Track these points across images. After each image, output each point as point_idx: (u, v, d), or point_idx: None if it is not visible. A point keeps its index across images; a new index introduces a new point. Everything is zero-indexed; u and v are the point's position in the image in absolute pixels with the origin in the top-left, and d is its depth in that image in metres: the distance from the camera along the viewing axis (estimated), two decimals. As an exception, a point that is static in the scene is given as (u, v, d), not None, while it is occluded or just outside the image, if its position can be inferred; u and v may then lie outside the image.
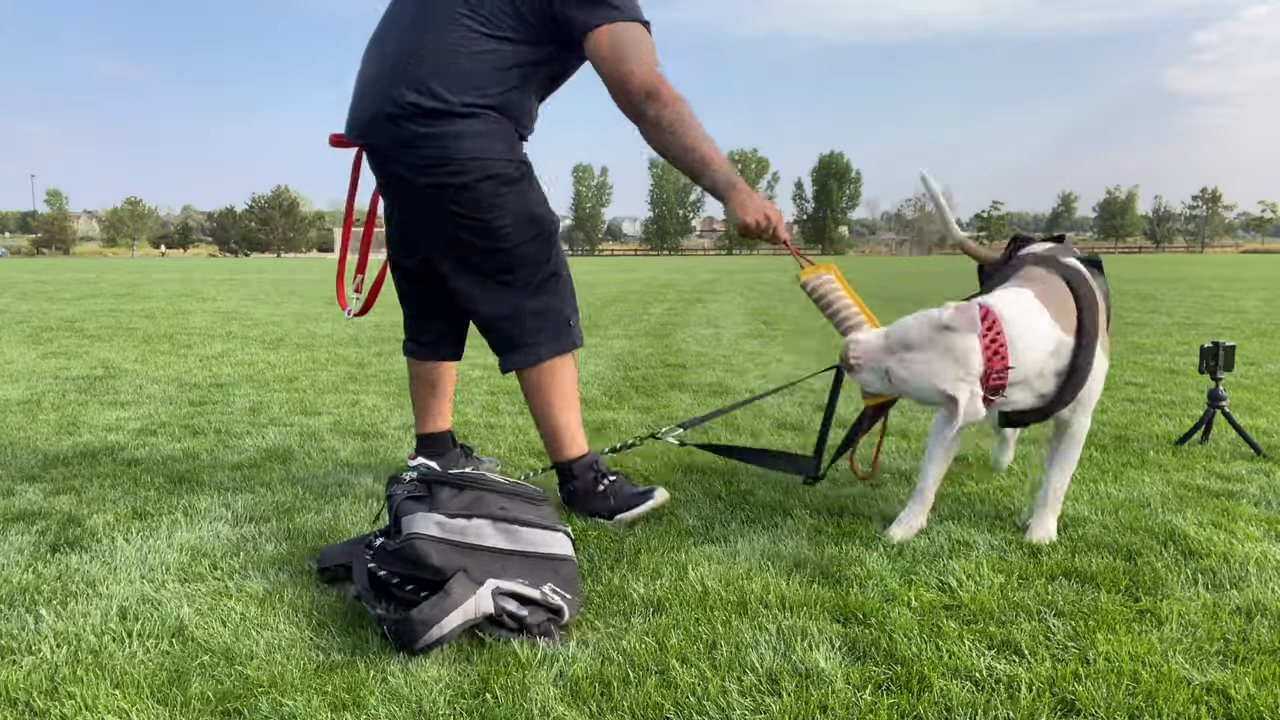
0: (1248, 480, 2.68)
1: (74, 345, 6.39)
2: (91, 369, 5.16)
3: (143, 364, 5.38)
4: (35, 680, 1.48)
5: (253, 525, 2.27)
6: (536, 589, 1.66)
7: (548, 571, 1.74)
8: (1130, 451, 3.05)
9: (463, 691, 1.46)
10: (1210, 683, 1.46)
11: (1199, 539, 2.12)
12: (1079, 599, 1.80)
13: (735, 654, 1.57)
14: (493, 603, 1.62)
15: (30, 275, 22.36)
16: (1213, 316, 8.69)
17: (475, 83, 2.22)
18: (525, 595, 1.65)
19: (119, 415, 3.75)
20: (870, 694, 1.44)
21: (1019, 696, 1.42)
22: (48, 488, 2.63)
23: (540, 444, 3.08)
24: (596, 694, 1.44)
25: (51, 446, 3.17)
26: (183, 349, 6.17)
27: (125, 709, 1.40)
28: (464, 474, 1.87)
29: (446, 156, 2.22)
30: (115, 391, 4.35)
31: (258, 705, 1.41)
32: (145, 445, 3.18)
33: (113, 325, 8.00)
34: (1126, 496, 2.51)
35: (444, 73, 2.21)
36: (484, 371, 5.01)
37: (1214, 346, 3.06)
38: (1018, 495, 2.53)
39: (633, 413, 3.79)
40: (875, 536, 2.17)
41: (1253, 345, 6.19)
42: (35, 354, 5.89)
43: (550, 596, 1.67)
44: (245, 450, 3.10)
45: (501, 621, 1.63)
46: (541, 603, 1.65)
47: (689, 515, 2.36)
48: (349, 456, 3.01)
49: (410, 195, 2.33)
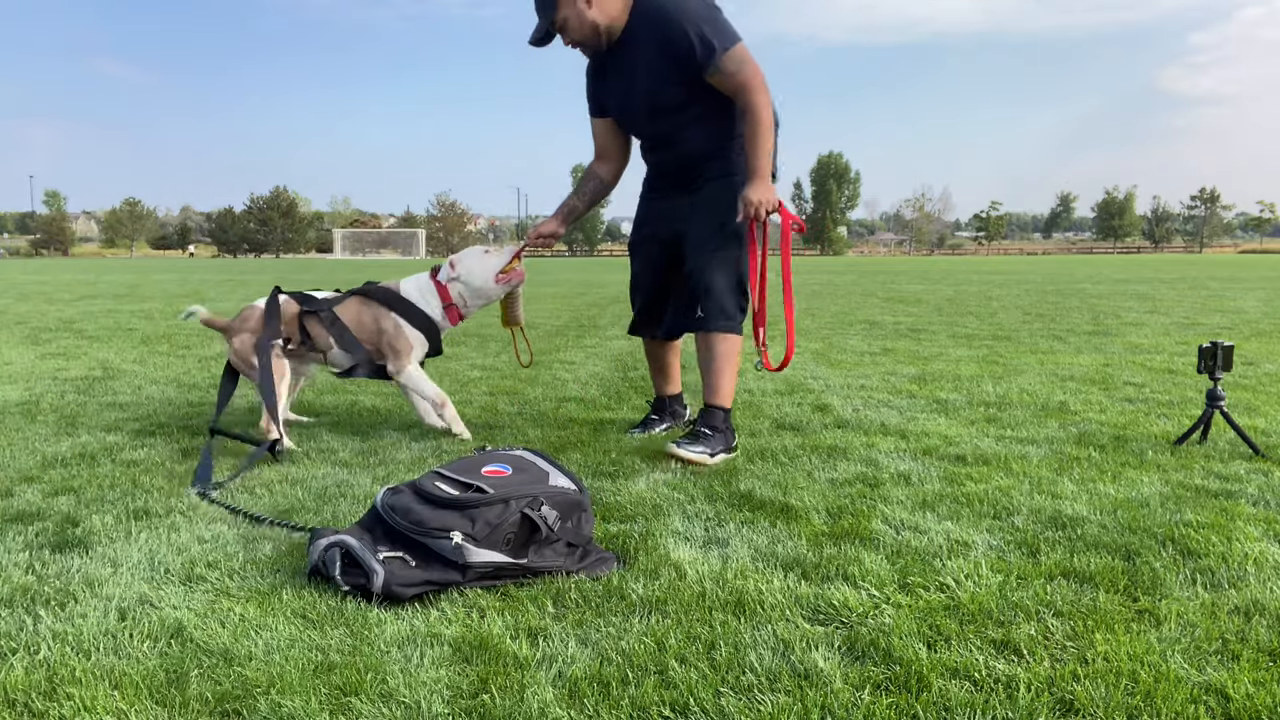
0: (1246, 480, 2.68)
1: (73, 346, 6.39)
2: (90, 370, 5.16)
3: (141, 365, 5.38)
4: (34, 681, 1.48)
5: (252, 525, 2.27)
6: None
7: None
8: (1129, 451, 3.05)
9: (461, 692, 1.46)
10: (1209, 682, 1.46)
11: (1197, 539, 2.13)
12: (1078, 599, 1.80)
13: (734, 654, 1.57)
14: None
15: (29, 276, 22.35)
16: (1211, 316, 8.70)
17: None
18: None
19: (118, 416, 3.75)
20: (869, 694, 1.44)
21: (1018, 696, 1.43)
22: (46, 488, 2.63)
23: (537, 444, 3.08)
24: (595, 694, 1.44)
25: (50, 447, 3.17)
26: (181, 350, 6.16)
27: (124, 710, 1.40)
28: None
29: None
30: (114, 392, 4.35)
31: (257, 706, 1.41)
32: (144, 446, 3.18)
33: (111, 326, 8.00)
34: (1125, 496, 2.52)
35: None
36: (483, 372, 5.02)
37: (1212, 346, 3.06)
38: (1017, 495, 2.53)
39: (632, 413, 3.79)
40: (874, 536, 2.17)
41: (1251, 345, 6.20)
42: (34, 355, 5.89)
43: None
44: (244, 450, 3.09)
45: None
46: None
47: (688, 515, 2.36)
48: (348, 457, 3.01)
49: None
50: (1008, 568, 1.96)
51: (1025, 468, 2.84)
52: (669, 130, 3.09)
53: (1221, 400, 3.08)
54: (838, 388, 4.45)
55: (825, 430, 3.42)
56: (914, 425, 3.50)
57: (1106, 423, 3.54)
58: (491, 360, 5.57)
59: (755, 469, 2.84)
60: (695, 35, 2.86)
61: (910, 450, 3.09)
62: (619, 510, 2.40)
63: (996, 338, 6.82)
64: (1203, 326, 7.67)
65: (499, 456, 2.14)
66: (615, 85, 3.12)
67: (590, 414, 3.77)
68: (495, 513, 1.89)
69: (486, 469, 2.05)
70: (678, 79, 2.95)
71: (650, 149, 3.23)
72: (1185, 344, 6.31)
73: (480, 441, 3.22)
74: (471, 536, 1.85)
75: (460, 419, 3.35)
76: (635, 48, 2.99)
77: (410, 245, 79.29)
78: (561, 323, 8.36)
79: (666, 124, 3.07)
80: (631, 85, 3.05)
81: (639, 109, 3.09)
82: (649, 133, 3.17)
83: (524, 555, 1.90)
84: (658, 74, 2.97)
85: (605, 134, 3.24)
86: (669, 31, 2.89)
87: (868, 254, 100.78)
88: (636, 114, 3.12)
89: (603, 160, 3.29)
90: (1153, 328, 7.56)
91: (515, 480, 2.01)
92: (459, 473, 2.03)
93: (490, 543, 1.86)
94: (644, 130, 3.18)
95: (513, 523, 1.89)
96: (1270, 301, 10.81)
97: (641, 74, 3.00)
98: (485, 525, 1.87)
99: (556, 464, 2.14)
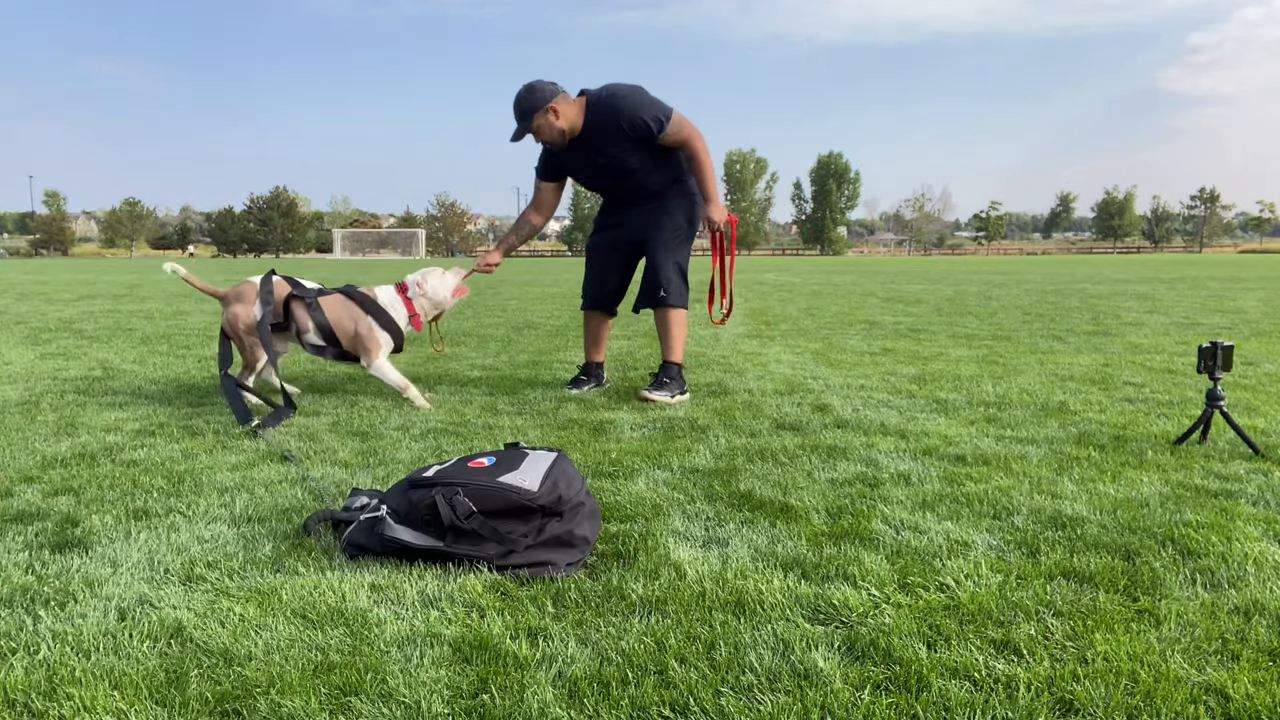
0: (1246, 480, 2.68)
1: (72, 346, 6.39)
2: (90, 370, 5.16)
3: (141, 365, 5.38)
4: (34, 681, 1.48)
5: (252, 525, 2.27)
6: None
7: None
8: (1129, 451, 3.05)
9: (461, 692, 1.46)
10: (1208, 682, 1.46)
11: (1197, 539, 2.13)
12: (1077, 599, 1.80)
13: (734, 654, 1.57)
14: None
15: (29, 276, 22.35)
16: (1211, 316, 8.70)
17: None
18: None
19: (117, 416, 3.75)
20: (869, 694, 1.44)
21: (1017, 696, 1.43)
22: (46, 488, 2.63)
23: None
24: (595, 694, 1.44)
25: (50, 447, 3.17)
26: (181, 350, 6.16)
27: (124, 710, 1.40)
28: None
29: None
30: (114, 392, 4.35)
31: (256, 706, 1.41)
32: (144, 446, 3.18)
33: (111, 326, 7.99)
34: (1125, 496, 2.52)
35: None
36: (484, 371, 5.01)
37: (1212, 346, 3.06)
38: (1017, 495, 2.53)
39: (631, 413, 3.79)
40: (874, 536, 2.17)
41: (1251, 345, 6.20)
42: (34, 355, 5.89)
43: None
44: (244, 450, 3.10)
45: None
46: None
47: (688, 515, 2.36)
48: (348, 457, 3.01)
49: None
50: (1008, 568, 1.97)
51: (1025, 468, 2.84)
52: (635, 180, 4.15)
53: (1221, 400, 3.08)
54: (838, 388, 4.45)
55: (825, 430, 3.42)
56: (914, 425, 3.51)
57: (1106, 423, 3.54)
58: (491, 360, 5.57)
59: (755, 469, 2.84)
60: (648, 117, 3.98)
61: (910, 450, 3.09)
62: (619, 510, 2.40)
63: (996, 338, 6.82)
64: (1203, 326, 7.67)
65: (511, 453, 2.25)
66: (578, 163, 4.16)
67: (590, 414, 3.77)
68: (419, 494, 2.04)
69: (475, 460, 2.18)
70: (636, 148, 4.04)
71: (617, 190, 4.26)
72: (1185, 344, 6.31)
73: (467, 428, 3.23)
74: (395, 512, 2.03)
75: (421, 396, 4.00)
76: (594, 135, 4.03)
77: (410, 245, 79.29)
78: (561, 323, 8.36)
79: (629, 180, 4.15)
80: (596, 161, 4.09)
81: (608, 174, 4.15)
82: (619, 184, 4.20)
83: (442, 539, 1.99)
84: (620, 147, 4.03)
85: (548, 193, 4.34)
86: (627, 120, 3.96)
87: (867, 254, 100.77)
88: (606, 177, 4.18)
89: (538, 211, 4.38)
90: (1153, 328, 7.56)
91: (474, 471, 2.10)
92: (453, 461, 2.19)
93: (409, 521, 2.01)
94: (614, 184, 4.21)
95: (426, 506, 2.01)
96: (1270, 301, 10.81)
97: (606, 150, 4.05)
98: (407, 503, 2.03)
99: (557, 467, 2.15)
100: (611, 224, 4.38)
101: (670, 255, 4.19)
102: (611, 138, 4.02)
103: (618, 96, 3.99)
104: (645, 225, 4.22)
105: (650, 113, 3.98)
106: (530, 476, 2.08)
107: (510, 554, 1.98)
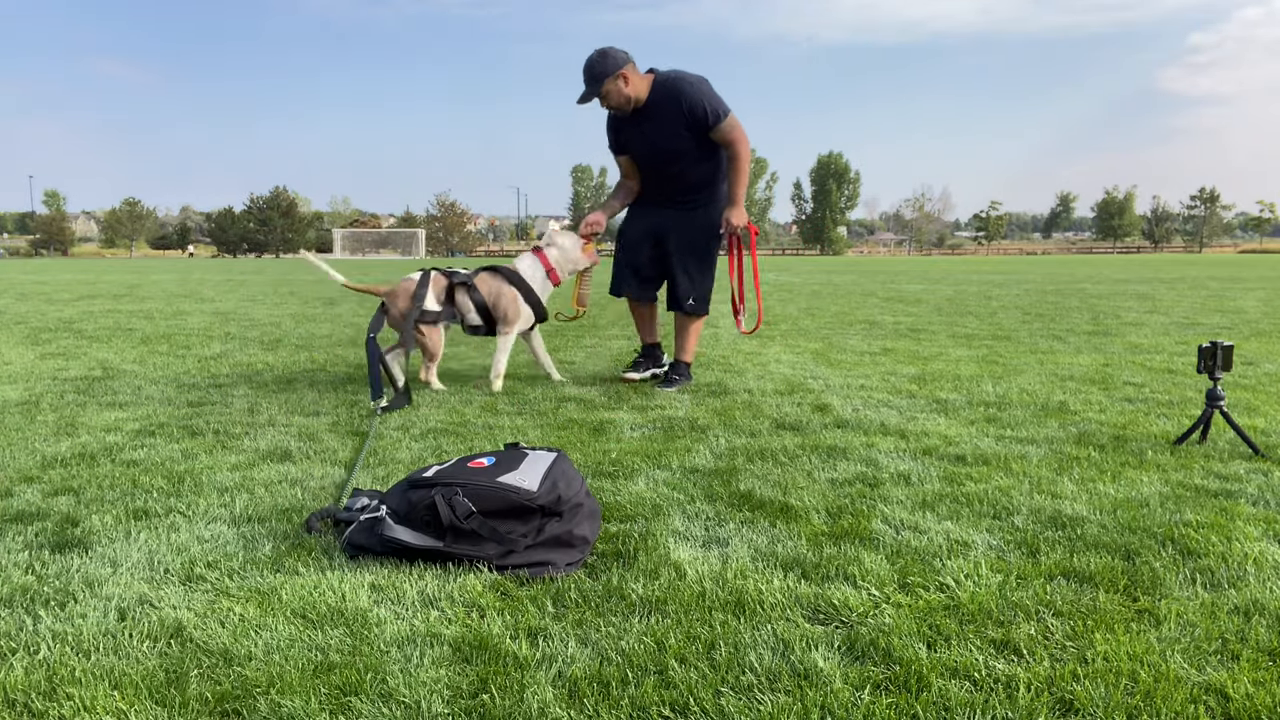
0: (1246, 480, 2.68)
1: (72, 346, 6.39)
2: (90, 370, 5.16)
3: (141, 365, 5.38)
4: (34, 681, 1.48)
5: (252, 525, 2.27)
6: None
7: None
8: (1128, 451, 3.05)
9: (461, 692, 1.46)
10: (1208, 682, 1.46)
11: (1197, 539, 2.13)
12: (1077, 599, 1.80)
13: (734, 654, 1.57)
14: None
15: (29, 276, 22.35)
16: (1211, 316, 8.70)
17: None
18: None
19: (117, 416, 3.75)
20: (869, 694, 1.44)
21: (1017, 696, 1.43)
22: (46, 488, 2.63)
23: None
24: (595, 694, 1.44)
25: (50, 447, 3.17)
26: (181, 350, 6.16)
27: (124, 710, 1.40)
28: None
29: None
30: (114, 392, 4.35)
31: (256, 706, 1.41)
32: (144, 446, 3.18)
33: (111, 326, 7.99)
34: (1125, 496, 2.52)
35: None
36: (484, 372, 5.01)
37: (1212, 346, 3.06)
38: (1017, 495, 2.53)
39: (631, 413, 3.79)
40: (874, 536, 2.17)
41: (1251, 345, 6.20)
42: (34, 355, 5.89)
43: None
44: (244, 450, 3.10)
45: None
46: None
47: (688, 515, 2.36)
48: (348, 457, 3.01)
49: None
50: (1007, 567, 1.97)
51: (1025, 468, 2.84)
52: (678, 167, 4.35)
53: (1221, 400, 3.08)
54: (838, 388, 4.45)
55: (825, 430, 3.42)
56: (914, 425, 3.51)
57: (1106, 423, 3.54)
58: (490, 361, 5.55)
59: (755, 469, 2.84)
60: (708, 106, 4.19)
61: (910, 450, 3.09)
62: (619, 510, 2.40)
63: (996, 338, 6.82)
64: (1202, 326, 7.67)
65: (510, 453, 2.26)
66: (636, 137, 4.37)
67: (590, 414, 3.77)
68: (419, 494, 2.04)
69: (475, 460, 2.18)
70: (688, 133, 4.25)
71: (659, 176, 4.45)
72: (1185, 344, 6.31)
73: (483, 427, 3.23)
74: (395, 512, 2.04)
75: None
76: (655, 111, 4.26)
77: (410, 245, 79.26)
78: (561, 322, 8.35)
79: (677, 163, 4.35)
80: (653, 138, 4.31)
81: (660, 153, 4.35)
82: (663, 168, 4.39)
83: (442, 539, 1.99)
84: (675, 129, 4.25)
85: (628, 165, 4.55)
86: (688, 103, 4.19)
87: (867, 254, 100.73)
88: (657, 156, 4.38)
89: (629, 178, 4.60)
90: (1152, 327, 7.56)
91: (474, 471, 2.10)
92: (453, 462, 2.20)
93: (409, 521, 2.01)
94: (660, 166, 4.41)
95: (426, 506, 2.00)
96: (1270, 301, 10.81)
97: (662, 130, 4.26)
98: (406, 504, 2.03)
99: (556, 468, 2.16)
100: (648, 215, 4.57)
101: (700, 263, 4.47)
102: (669, 117, 4.23)
103: (684, 81, 4.22)
104: (678, 228, 4.45)
105: (711, 104, 4.19)
106: (530, 477, 2.08)
107: (510, 554, 1.98)
